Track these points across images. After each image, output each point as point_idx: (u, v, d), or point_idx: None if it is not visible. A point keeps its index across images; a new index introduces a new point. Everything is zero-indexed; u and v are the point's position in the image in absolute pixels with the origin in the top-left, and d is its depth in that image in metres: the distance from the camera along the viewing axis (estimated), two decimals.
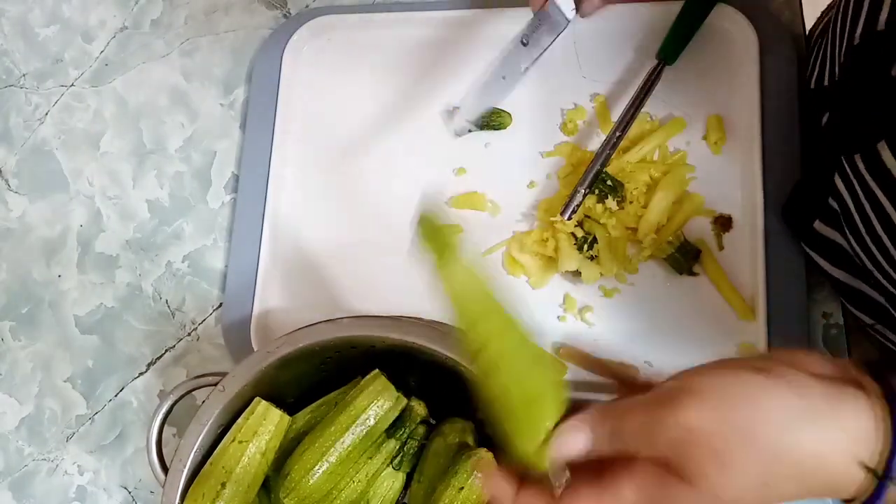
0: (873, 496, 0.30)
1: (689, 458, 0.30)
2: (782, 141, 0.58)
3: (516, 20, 0.66)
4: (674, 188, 0.58)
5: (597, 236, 0.58)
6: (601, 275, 0.58)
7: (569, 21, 0.54)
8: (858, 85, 0.46)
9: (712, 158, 0.60)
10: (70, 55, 0.77)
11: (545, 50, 0.55)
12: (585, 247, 0.58)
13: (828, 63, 0.54)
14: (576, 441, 0.33)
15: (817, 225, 0.53)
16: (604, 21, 0.65)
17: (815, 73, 0.57)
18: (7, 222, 0.73)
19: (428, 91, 0.67)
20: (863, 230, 0.46)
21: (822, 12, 0.64)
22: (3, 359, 0.69)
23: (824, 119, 0.53)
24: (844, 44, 0.49)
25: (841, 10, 0.50)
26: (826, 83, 0.54)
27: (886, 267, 0.45)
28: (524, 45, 0.54)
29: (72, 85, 0.76)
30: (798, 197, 0.56)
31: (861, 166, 0.44)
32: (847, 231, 0.49)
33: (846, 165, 0.46)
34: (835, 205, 0.50)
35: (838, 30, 0.50)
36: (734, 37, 0.61)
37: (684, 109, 0.61)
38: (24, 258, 0.72)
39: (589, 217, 0.59)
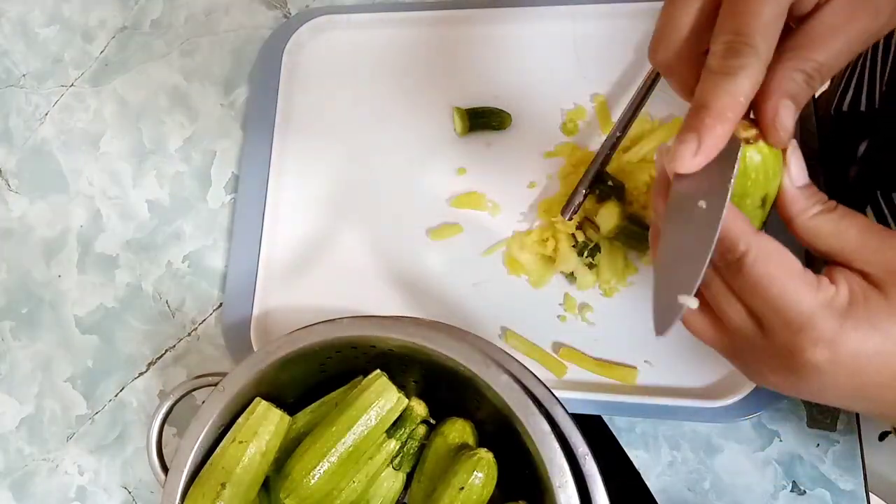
0: None
1: None
2: None
3: (517, 20, 0.67)
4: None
5: (600, 246, 0.58)
6: (596, 284, 0.59)
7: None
8: None
9: None
10: (70, 55, 0.77)
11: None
12: (585, 252, 0.58)
13: (865, 87, 0.52)
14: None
15: None
16: (604, 21, 0.65)
17: (850, 96, 0.55)
18: (7, 222, 0.73)
19: (428, 91, 0.67)
20: None
21: None
22: (3, 359, 0.69)
23: (861, 147, 0.51)
24: (887, 71, 0.47)
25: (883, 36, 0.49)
26: (863, 108, 0.52)
27: None
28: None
29: (72, 85, 0.76)
30: None
31: None
32: None
33: (881, 201, 0.44)
34: None
35: (879, 54, 0.49)
36: None
37: (684, 109, 0.61)
38: (24, 258, 0.72)
39: (591, 221, 0.59)
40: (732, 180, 0.31)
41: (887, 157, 0.46)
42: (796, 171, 0.31)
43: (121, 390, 0.67)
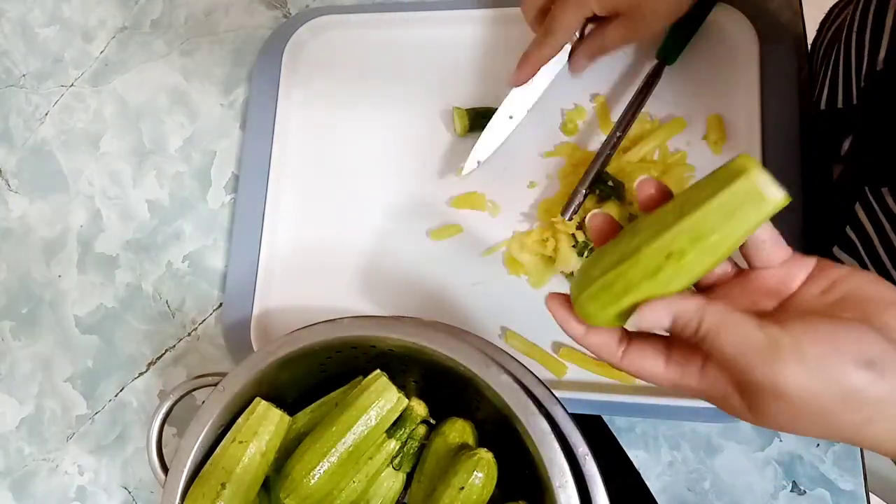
0: None
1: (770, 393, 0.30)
2: (782, 141, 0.58)
3: (517, 20, 0.67)
4: (672, 188, 0.58)
5: None
6: None
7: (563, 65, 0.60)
8: (887, 114, 0.44)
9: (712, 158, 0.60)
10: (70, 55, 0.77)
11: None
12: (585, 252, 0.58)
13: (840, 84, 0.52)
14: (660, 321, 0.33)
15: (836, 251, 0.52)
16: None
17: (826, 93, 0.55)
18: (7, 222, 0.73)
19: (428, 91, 0.67)
20: (889, 264, 0.45)
21: (822, 23, 0.62)
22: (3, 359, 0.69)
23: (846, 144, 0.50)
24: (864, 67, 0.47)
25: (856, 30, 0.48)
26: (841, 105, 0.52)
27: None
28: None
29: (72, 85, 0.76)
30: (815, 222, 0.54)
31: (889, 200, 0.42)
32: (868, 263, 0.47)
33: (871, 196, 0.44)
34: (853, 235, 0.48)
35: (853, 50, 0.49)
36: (734, 37, 0.61)
37: (684, 109, 0.61)
38: (24, 258, 0.72)
39: None
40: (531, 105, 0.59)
41: (875, 154, 0.46)
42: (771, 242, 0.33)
43: (121, 390, 0.67)
